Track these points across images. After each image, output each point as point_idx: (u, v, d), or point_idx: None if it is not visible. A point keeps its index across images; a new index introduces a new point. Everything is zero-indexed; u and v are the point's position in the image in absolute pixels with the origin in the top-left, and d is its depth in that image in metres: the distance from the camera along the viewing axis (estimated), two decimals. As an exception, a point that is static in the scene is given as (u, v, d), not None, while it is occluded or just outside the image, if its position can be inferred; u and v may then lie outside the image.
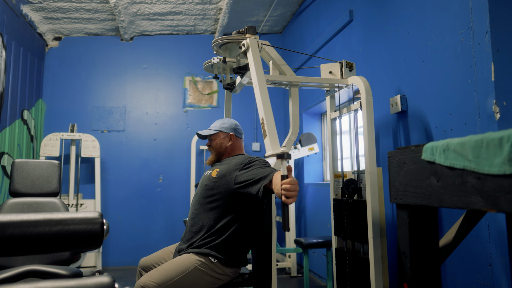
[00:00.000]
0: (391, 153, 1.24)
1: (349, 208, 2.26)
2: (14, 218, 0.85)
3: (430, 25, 2.21)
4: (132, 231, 4.67)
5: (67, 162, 4.54)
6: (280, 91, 5.32)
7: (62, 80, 4.87)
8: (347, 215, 2.27)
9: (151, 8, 4.44)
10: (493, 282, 1.76)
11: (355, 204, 2.20)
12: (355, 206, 2.20)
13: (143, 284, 1.73)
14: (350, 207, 2.25)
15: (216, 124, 2.17)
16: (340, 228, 2.33)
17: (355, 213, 2.19)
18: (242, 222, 1.94)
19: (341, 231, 2.31)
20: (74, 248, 0.90)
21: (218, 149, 2.13)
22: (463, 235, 1.28)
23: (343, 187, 2.30)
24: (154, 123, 4.98)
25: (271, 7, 4.54)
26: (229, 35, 2.03)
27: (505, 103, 1.72)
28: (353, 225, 2.20)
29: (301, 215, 4.36)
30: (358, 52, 3.10)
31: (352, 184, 2.25)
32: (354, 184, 2.24)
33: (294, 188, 1.47)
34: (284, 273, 4.11)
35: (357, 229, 2.16)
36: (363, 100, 2.14)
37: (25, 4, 4.14)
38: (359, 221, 2.15)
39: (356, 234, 2.17)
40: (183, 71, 5.13)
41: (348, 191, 2.25)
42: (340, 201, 2.36)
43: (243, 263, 1.96)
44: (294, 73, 2.29)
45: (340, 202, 2.35)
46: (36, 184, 2.39)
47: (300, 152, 3.95)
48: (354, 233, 2.19)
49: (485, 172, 0.84)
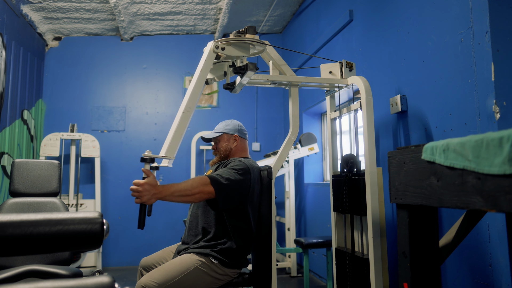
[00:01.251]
0: (391, 153, 1.24)
1: (348, 182, 2.27)
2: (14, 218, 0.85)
3: (430, 25, 2.21)
4: (132, 231, 4.67)
5: (67, 162, 4.54)
6: (280, 91, 5.32)
7: (62, 80, 4.87)
8: (346, 189, 2.29)
9: (151, 8, 4.44)
10: (493, 282, 1.76)
11: (354, 178, 2.22)
12: (354, 180, 2.22)
13: (144, 284, 1.73)
14: (348, 182, 2.27)
15: (219, 126, 2.17)
16: (339, 204, 2.35)
17: (354, 187, 2.21)
18: (241, 223, 1.94)
19: (340, 206, 2.33)
20: (74, 248, 0.90)
21: (223, 151, 2.12)
22: (463, 235, 1.28)
23: (341, 162, 2.31)
24: (154, 123, 4.98)
25: (271, 7, 4.54)
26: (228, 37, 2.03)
27: (505, 103, 1.72)
28: (352, 199, 2.22)
29: (301, 215, 4.36)
30: (358, 52, 3.10)
31: (351, 159, 2.26)
32: (352, 159, 2.25)
33: (135, 188, 1.60)
34: (284, 273, 4.11)
35: (356, 202, 2.18)
36: (363, 100, 2.14)
37: (25, 4, 4.13)
38: (358, 195, 2.16)
39: (355, 207, 2.19)
40: (183, 71, 5.13)
41: (347, 166, 2.26)
42: (339, 177, 2.37)
43: (243, 264, 1.96)
44: (294, 73, 2.29)
45: (339, 178, 2.37)
46: (36, 184, 2.39)
47: (300, 152, 3.95)
48: (353, 207, 2.20)
49: (485, 172, 0.84)
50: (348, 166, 2.26)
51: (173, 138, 1.74)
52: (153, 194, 1.61)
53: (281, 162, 2.16)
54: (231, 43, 1.89)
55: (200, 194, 1.72)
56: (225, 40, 1.88)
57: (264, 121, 5.23)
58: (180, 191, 1.69)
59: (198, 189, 1.72)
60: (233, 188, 1.82)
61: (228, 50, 1.88)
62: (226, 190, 1.79)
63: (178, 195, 1.68)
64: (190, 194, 1.70)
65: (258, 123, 5.21)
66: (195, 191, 1.71)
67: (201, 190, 1.72)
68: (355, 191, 2.20)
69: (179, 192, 1.68)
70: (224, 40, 1.88)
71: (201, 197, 1.74)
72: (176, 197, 1.69)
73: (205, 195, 1.74)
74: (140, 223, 1.59)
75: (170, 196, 1.67)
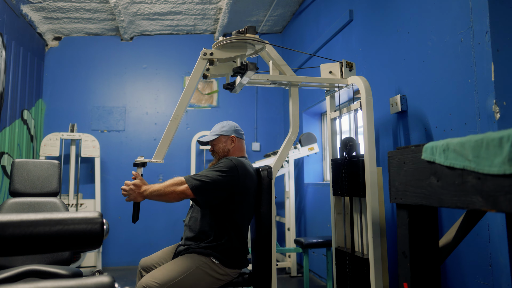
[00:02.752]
0: (391, 153, 1.24)
1: (347, 165, 2.28)
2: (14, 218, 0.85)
3: (430, 25, 2.21)
4: (132, 231, 4.67)
5: (67, 162, 4.54)
6: (280, 91, 5.32)
7: (62, 80, 4.87)
8: (345, 172, 2.29)
9: (151, 8, 4.44)
10: (493, 282, 1.76)
11: (353, 160, 2.23)
12: (353, 162, 2.23)
13: (145, 284, 1.73)
14: (348, 164, 2.27)
15: (216, 129, 2.17)
16: (338, 187, 2.35)
17: (353, 168, 2.21)
18: (240, 223, 1.94)
19: (340, 189, 2.33)
20: (74, 248, 0.90)
21: (221, 153, 2.13)
22: (463, 235, 1.28)
23: (341, 145, 2.32)
24: (154, 123, 4.98)
25: (271, 7, 4.54)
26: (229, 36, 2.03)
27: (505, 103, 1.72)
28: (352, 181, 2.23)
29: (301, 215, 4.36)
30: (358, 52, 3.10)
31: (350, 142, 2.26)
32: (351, 142, 2.26)
33: (124, 188, 1.84)
34: (284, 273, 4.11)
35: (355, 184, 2.18)
36: (363, 100, 2.14)
37: (25, 4, 4.13)
38: (357, 176, 2.17)
39: (354, 189, 2.20)
40: (183, 71, 5.13)
41: (346, 148, 2.27)
42: (338, 160, 2.38)
43: (244, 263, 1.97)
44: (294, 73, 2.29)
45: (338, 161, 2.37)
46: (36, 184, 2.39)
47: (300, 152, 3.95)
48: (353, 189, 2.21)
49: (485, 172, 0.84)
50: (347, 149, 2.27)
51: (160, 144, 1.93)
52: (137, 194, 1.82)
53: (281, 162, 2.16)
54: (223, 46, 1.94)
55: (172, 194, 1.82)
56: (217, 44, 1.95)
57: (264, 121, 5.23)
58: (156, 190, 1.83)
59: (170, 189, 1.82)
60: (211, 187, 1.86)
61: (219, 54, 1.96)
62: (204, 189, 1.85)
63: (156, 195, 1.83)
64: (163, 194, 1.82)
65: (258, 123, 5.20)
66: (167, 190, 1.82)
67: (173, 190, 1.82)
68: (354, 172, 2.21)
69: (156, 192, 1.82)
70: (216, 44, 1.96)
71: (174, 196, 1.83)
72: (155, 196, 1.83)
73: (178, 194, 1.82)
74: (134, 218, 1.85)
75: (150, 196, 1.83)
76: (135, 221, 1.84)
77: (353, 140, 2.27)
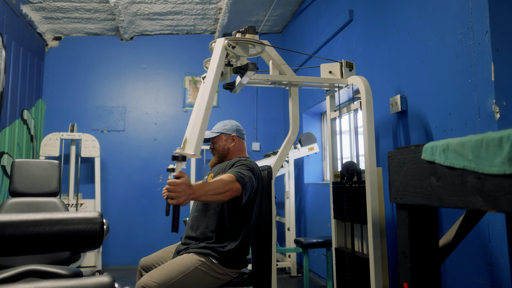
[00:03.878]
0: (391, 153, 1.24)
1: (348, 190, 2.27)
2: (14, 218, 0.85)
3: (430, 25, 2.21)
4: (132, 231, 4.67)
5: (67, 162, 4.54)
6: (280, 91, 5.32)
7: (62, 80, 4.87)
8: (346, 197, 2.28)
9: (151, 8, 4.44)
10: (493, 282, 1.76)
11: (354, 186, 2.22)
12: (354, 188, 2.22)
13: (144, 284, 1.73)
14: (349, 190, 2.26)
15: (217, 126, 2.17)
16: (339, 211, 2.35)
17: (354, 195, 2.20)
18: (245, 225, 1.94)
19: (341, 214, 2.33)
20: (74, 248, 0.90)
21: (221, 151, 2.13)
22: (463, 235, 1.28)
23: (342, 170, 2.30)
24: (154, 123, 4.98)
25: (271, 7, 4.54)
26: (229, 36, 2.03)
27: (505, 103, 1.72)
28: (353, 207, 2.22)
29: (301, 215, 4.36)
30: (358, 52, 3.10)
31: (351, 166, 2.25)
32: (353, 167, 2.25)
33: (172, 189, 1.52)
34: (284, 273, 4.11)
35: (357, 210, 2.17)
36: (363, 100, 2.14)
37: (25, 3, 4.13)
38: (358, 203, 2.16)
39: (355, 215, 2.19)
40: (183, 71, 5.13)
41: (347, 173, 2.26)
42: (339, 184, 2.37)
43: (243, 264, 1.96)
44: (294, 73, 2.29)
45: (339, 185, 2.37)
46: (36, 184, 2.39)
47: (300, 152, 3.95)
48: (354, 215, 2.20)
49: (485, 172, 0.83)
50: (348, 173, 2.25)
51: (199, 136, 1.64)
52: (189, 195, 1.57)
53: (281, 162, 2.16)
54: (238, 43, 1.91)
55: (230, 192, 1.73)
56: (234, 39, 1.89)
57: (264, 121, 5.23)
58: (213, 189, 1.67)
59: (228, 186, 1.73)
60: (250, 185, 1.85)
61: (237, 50, 1.91)
62: (247, 187, 1.81)
63: (211, 194, 1.67)
64: (221, 192, 1.70)
65: (258, 123, 5.21)
66: (226, 188, 1.71)
67: (230, 188, 1.74)
68: (355, 199, 2.19)
69: (212, 191, 1.67)
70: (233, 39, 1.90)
71: (231, 194, 1.74)
72: (209, 196, 1.67)
73: (234, 192, 1.75)
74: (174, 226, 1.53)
75: (204, 196, 1.65)
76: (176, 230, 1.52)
77: (355, 164, 2.25)
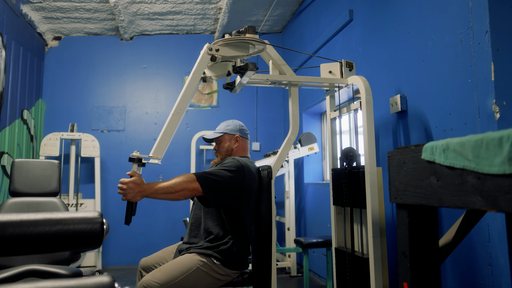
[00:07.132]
0: (391, 152, 1.24)
1: (347, 175, 2.27)
2: (14, 218, 0.85)
3: (430, 25, 2.21)
4: (132, 231, 4.67)
5: (67, 162, 4.54)
6: (280, 91, 5.32)
7: (62, 79, 4.87)
8: (345, 182, 2.29)
9: (151, 8, 4.44)
10: (493, 282, 1.76)
11: (353, 171, 2.23)
12: (353, 173, 2.22)
13: (146, 284, 1.73)
14: (348, 175, 2.27)
15: (221, 127, 2.17)
16: (338, 197, 2.35)
17: (354, 179, 2.21)
18: (236, 222, 1.93)
19: (340, 199, 2.33)
20: (74, 247, 0.90)
21: (224, 152, 2.12)
22: (463, 235, 1.28)
23: (341, 155, 2.31)
24: (154, 122, 4.98)
25: (271, 7, 4.54)
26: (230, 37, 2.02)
27: (505, 102, 1.72)
28: (352, 191, 2.22)
29: (301, 214, 4.36)
30: (358, 52, 3.10)
31: (350, 152, 2.26)
32: (352, 152, 2.25)
33: (120, 186, 1.68)
34: (284, 272, 4.11)
35: (356, 195, 2.18)
36: (363, 100, 2.14)
37: (25, 3, 4.13)
38: (357, 187, 2.17)
39: (354, 200, 2.19)
40: (183, 71, 5.13)
41: (346, 159, 2.26)
42: (339, 170, 2.37)
43: (245, 265, 1.96)
44: (294, 72, 2.28)
45: (339, 171, 2.37)
46: (36, 183, 2.39)
47: (300, 151, 3.95)
48: (353, 200, 2.21)
49: (485, 171, 0.83)
50: (347, 159, 2.27)
51: (161, 139, 1.78)
52: (137, 192, 1.68)
53: (281, 161, 2.16)
54: (227, 44, 1.89)
55: (184, 191, 1.74)
56: (221, 41, 1.88)
57: (264, 121, 5.23)
58: (163, 188, 1.72)
59: (182, 186, 1.74)
60: (222, 185, 1.82)
61: (224, 51, 1.89)
62: (215, 187, 1.80)
63: (162, 193, 1.72)
64: (173, 191, 1.73)
65: (258, 122, 5.21)
66: (178, 188, 1.73)
67: (185, 187, 1.74)
68: (354, 183, 2.20)
69: (162, 190, 1.72)
70: (220, 41, 1.89)
71: (185, 194, 1.76)
72: (161, 195, 1.72)
73: (190, 192, 1.76)
74: (126, 219, 1.70)
75: (154, 194, 1.71)
76: (128, 223, 1.69)
77: (354, 150, 2.26)
